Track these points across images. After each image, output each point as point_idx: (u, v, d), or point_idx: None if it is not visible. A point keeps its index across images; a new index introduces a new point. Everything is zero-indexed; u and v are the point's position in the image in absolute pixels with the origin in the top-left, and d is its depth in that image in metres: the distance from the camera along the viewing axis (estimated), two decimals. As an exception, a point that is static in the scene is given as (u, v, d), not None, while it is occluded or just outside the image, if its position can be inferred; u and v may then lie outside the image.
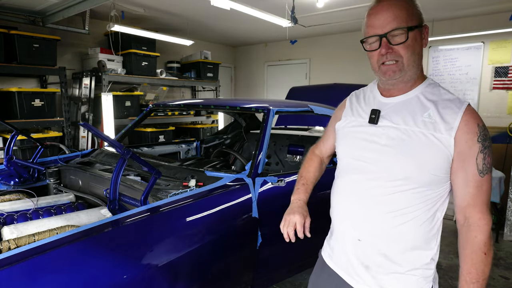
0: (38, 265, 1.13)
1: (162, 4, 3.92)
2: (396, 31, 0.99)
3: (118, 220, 1.41)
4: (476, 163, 0.97)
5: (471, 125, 0.97)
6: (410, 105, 1.04)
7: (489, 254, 0.99)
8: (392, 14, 1.00)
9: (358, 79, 5.21)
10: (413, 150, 0.99)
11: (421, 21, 1.05)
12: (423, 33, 1.05)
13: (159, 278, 1.34)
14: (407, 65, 1.01)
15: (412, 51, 1.01)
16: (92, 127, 1.55)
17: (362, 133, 1.11)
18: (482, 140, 0.97)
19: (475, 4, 3.91)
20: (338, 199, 1.22)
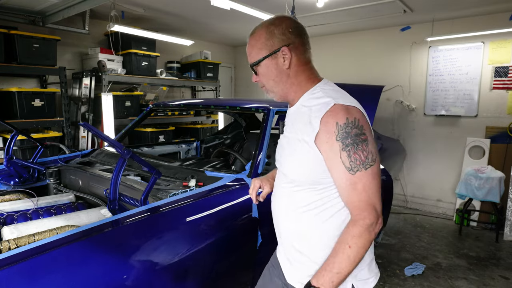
0: (38, 265, 1.13)
1: (162, 4, 3.92)
2: (252, 67, 1.17)
3: (118, 220, 1.41)
4: (342, 161, 0.99)
5: (330, 125, 1.00)
6: (296, 114, 1.15)
7: (354, 249, 0.98)
8: (247, 51, 1.18)
9: (358, 79, 5.21)
10: (293, 155, 1.11)
11: (270, 49, 1.12)
12: (279, 57, 1.12)
13: (159, 278, 1.34)
14: (270, 89, 1.18)
15: (267, 78, 1.16)
16: (92, 127, 1.55)
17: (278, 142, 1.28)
18: (341, 138, 0.98)
19: (475, 4, 3.91)
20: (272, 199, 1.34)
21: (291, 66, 1.13)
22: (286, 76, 1.14)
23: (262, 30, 1.13)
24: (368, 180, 0.99)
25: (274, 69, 1.13)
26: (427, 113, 4.87)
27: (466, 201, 4.10)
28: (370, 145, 1.00)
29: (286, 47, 1.11)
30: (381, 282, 2.95)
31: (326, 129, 1.00)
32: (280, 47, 1.11)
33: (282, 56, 1.11)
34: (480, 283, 2.97)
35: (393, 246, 3.69)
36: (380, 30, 5.12)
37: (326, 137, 1.00)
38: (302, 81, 1.15)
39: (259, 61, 1.13)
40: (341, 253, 0.99)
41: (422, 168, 4.99)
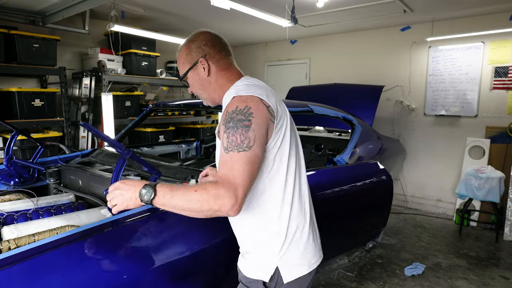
0: (38, 265, 1.13)
1: (162, 4, 3.92)
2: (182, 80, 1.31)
3: (118, 220, 1.41)
4: (222, 142, 1.08)
5: (224, 112, 1.12)
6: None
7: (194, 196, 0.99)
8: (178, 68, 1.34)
9: (358, 79, 5.21)
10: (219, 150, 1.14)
11: (190, 62, 1.27)
12: (199, 68, 1.27)
13: (159, 278, 1.34)
14: (200, 96, 1.33)
15: (195, 87, 1.31)
16: (92, 127, 1.55)
17: None
18: (225, 122, 1.08)
19: (475, 4, 3.91)
20: None
21: (210, 74, 1.27)
22: (208, 83, 1.28)
23: (183, 47, 1.29)
24: (238, 162, 1.02)
25: (197, 79, 1.29)
26: (427, 113, 4.87)
27: (466, 201, 4.10)
28: (251, 132, 1.04)
29: (203, 58, 1.25)
30: (381, 282, 2.95)
31: (222, 116, 1.13)
32: (198, 59, 1.26)
33: (202, 67, 1.26)
34: (480, 283, 2.97)
35: (393, 246, 3.69)
36: (380, 30, 5.12)
37: (220, 123, 1.12)
38: (223, 84, 1.27)
39: (184, 74, 1.29)
40: (188, 189, 1.01)
41: (422, 168, 4.99)
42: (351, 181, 2.64)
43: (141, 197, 1.03)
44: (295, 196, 1.20)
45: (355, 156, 2.99)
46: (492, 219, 4.15)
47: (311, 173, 2.42)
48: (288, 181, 1.18)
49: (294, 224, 1.20)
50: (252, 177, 1.04)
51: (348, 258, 3.38)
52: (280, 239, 1.17)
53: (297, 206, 1.21)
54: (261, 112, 1.08)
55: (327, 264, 3.22)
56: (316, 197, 2.41)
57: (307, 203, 1.26)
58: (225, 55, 1.29)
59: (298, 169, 1.23)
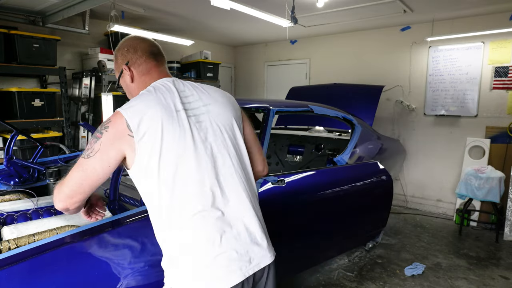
0: (38, 265, 1.13)
1: (162, 4, 3.92)
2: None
3: (118, 220, 1.41)
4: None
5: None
6: None
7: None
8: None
9: (358, 79, 5.21)
10: None
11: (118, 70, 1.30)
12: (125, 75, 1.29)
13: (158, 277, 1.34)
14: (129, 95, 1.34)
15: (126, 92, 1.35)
16: (92, 127, 1.55)
17: None
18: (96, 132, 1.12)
19: (475, 4, 3.91)
20: None
21: (134, 80, 1.29)
22: (133, 90, 1.30)
23: (114, 55, 1.33)
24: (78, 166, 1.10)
25: (125, 85, 1.33)
26: (427, 113, 4.87)
27: (466, 201, 4.10)
28: (97, 144, 1.09)
29: (125, 65, 1.27)
30: (381, 282, 2.95)
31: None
32: (121, 68, 1.28)
33: (127, 74, 1.28)
34: (480, 283, 2.97)
35: (393, 246, 3.69)
36: (380, 30, 5.12)
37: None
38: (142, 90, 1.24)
39: (117, 84, 1.34)
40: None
41: (422, 168, 4.99)
42: (351, 181, 2.64)
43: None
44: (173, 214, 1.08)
45: (355, 156, 2.99)
46: (492, 219, 4.14)
47: (311, 173, 2.42)
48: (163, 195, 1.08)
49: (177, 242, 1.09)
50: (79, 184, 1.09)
51: (348, 258, 3.38)
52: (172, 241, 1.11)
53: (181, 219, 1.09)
54: (116, 126, 1.09)
55: (327, 264, 3.22)
56: (316, 197, 2.41)
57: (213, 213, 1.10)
58: (146, 59, 1.28)
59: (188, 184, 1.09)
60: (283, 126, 4.36)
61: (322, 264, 3.18)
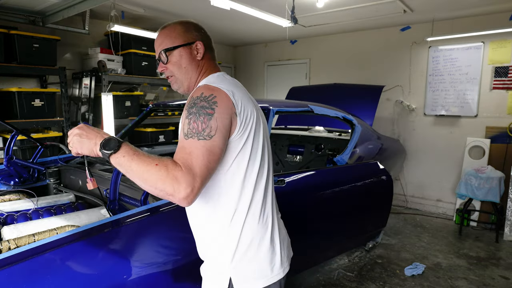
0: (38, 265, 1.12)
1: (162, 4, 3.92)
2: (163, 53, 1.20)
3: (118, 220, 1.41)
4: (183, 127, 1.02)
5: (189, 98, 1.08)
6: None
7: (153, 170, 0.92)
8: (159, 41, 1.22)
9: (358, 79, 5.21)
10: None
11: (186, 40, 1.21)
12: (193, 49, 1.21)
13: (159, 278, 1.34)
14: (180, 78, 1.22)
15: (179, 66, 1.20)
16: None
17: None
18: (188, 107, 1.03)
19: (475, 4, 3.91)
20: None
21: (204, 59, 1.24)
22: (195, 67, 1.22)
23: (177, 24, 1.22)
24: (196, 149, 0.96)
25: (187, 58, 1.21)
26: (427, 113, 4.87)
27: (466, 201, 4.10)
28: (213, 121, 0.99)
29: (200, 42, 1.22)
30: (381, 282, 2.95)
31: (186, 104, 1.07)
32: (195, 41, 1.21)
33: (196, 49, 1.21)
34: (480, 283, 2.97)
35: (393, 246, 3.68)
36: (380, 30, 5.12)
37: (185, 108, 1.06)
38: (205, 72, 1.24)
39: (174, 47, 1.20)
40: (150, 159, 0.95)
41: (422, 168, 4.99)
42: (351, 181, 2.64)
43: (102, 146, 0.96)
44: (253, 204, 1.11)
45: (355, 156, 2.99)
46: (492, 219, 4.14)
47: (311, 173, 2.42)
48: (246, 187, 1.10)
49: (249, 235, 1.11)
50: (210, 169, 0.97)
51: (348, 258, 3.38)
52: (230, 251, 1.11)
53: (256, 215, 1.12)
54: (226, 104, 1.03)
55: (327, 264, 3.22)
56: (316, 197, 2.41)
57: (270, 213, 1.18)
58: (214, 49, 1.31)
59: (262, 177, 1.14)
60: (283, 126, 4.37)
61: (322, 264, 3.18)
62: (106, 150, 0.96)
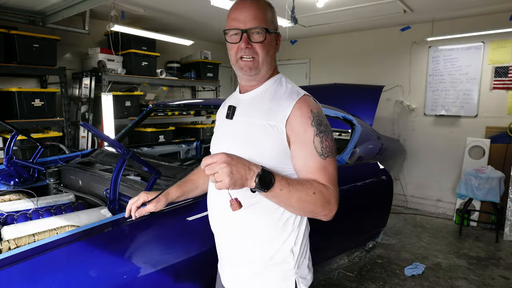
0: (38, 265, 1.12)
1: (162, 4, 3.92)
2: (256, 29, 1.06)
3: (118, 220, 1.41)
4: (314, 146, 1.01)
5: (304, 110, 1.03)
6: (258, 99, 1.13)
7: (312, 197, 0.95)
8: (254, 13, 1.07)
9: (358, 79, 5.21)
10: (253, 140, 1.06)
11: (276, 28, 1.14)
12: (277, 40, 1.16)
13: (159, 278, 1.34)
14: (262, 63, 1.10)
15: (267, 51, 1.10)
16: (92, 127, 1.55)
17: (220, 128, 1.24)
18: (316, 124, 1.02)
19: (475, 4, 3.91)
20: (208, 196, 1.28)
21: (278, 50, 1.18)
22: (274, 58, 1.17)
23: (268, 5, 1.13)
24: (334, 168, 1.03)
25: (274, 46, 1.14)
26: (427, 113, 4.87)
27: (466, 201, 4.10)
28: (333, 142, 1.05)
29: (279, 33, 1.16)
30: (381, 282, 2.95)
31: (300, 113, 1.03)
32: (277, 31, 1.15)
33: (279, 40, 1.16)
34: (480, 283, 2.97)
35: (393, 246, 3.68)
36: (380, 30, 5.12)
37: (300, 121, 1.02)
38: (273, 66, 1.17)
39: (274, 31, 1.11)
40: (305, 187, 0.96)
41: (422, 168, 4.99)
42: (351, 181, 2.64)
43: (258, 180, 0.90)
44: None
45: (355, 156, 2.98)
46: (492, 219, 4.14)
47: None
48: None
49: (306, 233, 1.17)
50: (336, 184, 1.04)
51: (348, 258, 3.38)
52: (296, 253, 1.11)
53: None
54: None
55: (327, 264, 3.22)
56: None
57: None
58: None
59: None
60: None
61: (322, 264, 3.18)
62: (263, 188, 0.92)
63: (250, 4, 1.08)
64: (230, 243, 1.16)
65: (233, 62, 1.13)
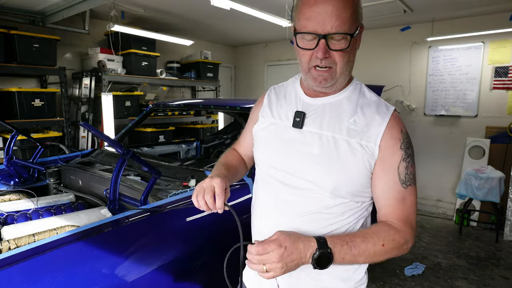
0: (38, 265, 1.12)
1: (162, 4, 3.92)
2: (339, 36, 0.84)
3: (118, 220, 1.41)
4: (398, 172, 0.90)
5: (395, 131, 0.90)
6: (336, 109, 0.96)
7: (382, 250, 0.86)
8: (337, 12, 0.82)
9: (358, 79, 5.21)
10: (341, 161, 0.90)
11: (361, 20, 0.90)
12: (360, 35, 0.92)
13: (159, 278, 1.34)
14: (340, 73, 0.91)
15: (348, 58, 0.90)
16: (92, 127, 1.55)
17: (285, 138, 0.99)
18: (405, 147, 0.90)
19: (475, 4, 3.91)
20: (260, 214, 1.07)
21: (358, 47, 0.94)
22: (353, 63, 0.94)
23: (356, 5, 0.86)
24: (415, 196, 0.92)
25: (355, 48, 0.91)
26: (427, 113, 4.87)
27: (466, 201, 4.10)
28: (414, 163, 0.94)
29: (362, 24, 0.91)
30: (381, 282, 2.95)
31: (391, 135, 0.90)
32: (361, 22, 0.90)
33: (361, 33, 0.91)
34: (480, 283, 2.97)
35: (393, 246, 3.68)
36: (380, 30, 5.12)
37: (390, 143, 0.89)
38: (351, 68, 0.95)
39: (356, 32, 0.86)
40: (371, 243, 0.85)
41: (422, 168, 4.99)
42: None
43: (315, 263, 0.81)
44: None
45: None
46: (492, 219, 4.14)
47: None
48: None
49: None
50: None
51: (348, 258, 3.38)
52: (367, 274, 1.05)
53: None
54: None
55: (327, 264, 3.21)
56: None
57: None
58: None
59: None
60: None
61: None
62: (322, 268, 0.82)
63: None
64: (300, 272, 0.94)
65: (303, 69, 0.93)
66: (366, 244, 0.85)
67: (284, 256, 0.78)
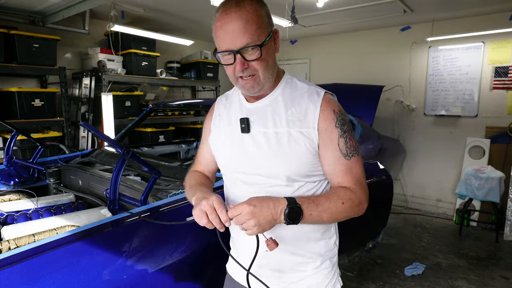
0: (38, 265, 1.12)
1: (162, 4, 3.92)
2: (249, 47, 0.94)
3: (118, 220, 1.41)
4: (339, 148, 1.01)
5: (328, 112, 1.01)
6: (275, 106, 1.06)
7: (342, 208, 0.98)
8: (243, 28, 0.93)
9: (358, 79, 5.21)
10: (284, 151, 1.02)
11: (271, 27, 1.01)
12: (275, 39, 1.05)
13: (159, 278, 1.34)
14: (264, 77, 1.00)
15: (266, 64, 0.99)
16: (92, 127, 1.55)
17: (238, 143, 1.10)
18: (340, 125, 1.01)
19: (475, 4, 3.91)
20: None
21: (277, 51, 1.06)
22: (273, 63, 1.04)
23: (257, 6, 0.96)
24: (360, 165, 1.04)
25: (272, 51, 1.02)
26: (427, 113, 4.87)
27: (466, 201, 4.10)
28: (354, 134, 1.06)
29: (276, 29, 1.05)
30: (381, 282, 2.95)
31: (324, 117, 1.01)
32: (273, 29, 1.02)
33: (275, 38, 1.05)
34: (480, 283, 2.97)
35: (393, 246, 3.68)
36: (380, 30, 5.12)
37: (325, 125, 1.01)
38: (277, 68, 1.08)
39: (267, 39, 0.97)
40: (333, 201, 0.97)
41: (422, 168, 4.99)
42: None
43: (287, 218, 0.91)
44: None
45: (355, 156, 2.98)
46: (492, 219, 4.14)
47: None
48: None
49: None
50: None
51: (348, 258, 3.38)
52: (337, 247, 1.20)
53: None
54: None
55: (327, 264, 3.21)
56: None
57: None
58: None
59: None
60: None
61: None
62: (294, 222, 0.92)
63: (235, 16, 0.93)
64: (282, 253, 1.08)
65: (233, 81, 1.04)
66: (329, 202, 0.97)
67: (255, 212, 0.88)
